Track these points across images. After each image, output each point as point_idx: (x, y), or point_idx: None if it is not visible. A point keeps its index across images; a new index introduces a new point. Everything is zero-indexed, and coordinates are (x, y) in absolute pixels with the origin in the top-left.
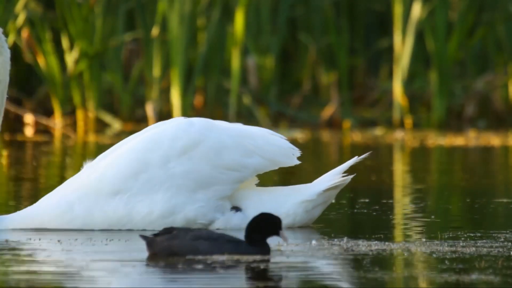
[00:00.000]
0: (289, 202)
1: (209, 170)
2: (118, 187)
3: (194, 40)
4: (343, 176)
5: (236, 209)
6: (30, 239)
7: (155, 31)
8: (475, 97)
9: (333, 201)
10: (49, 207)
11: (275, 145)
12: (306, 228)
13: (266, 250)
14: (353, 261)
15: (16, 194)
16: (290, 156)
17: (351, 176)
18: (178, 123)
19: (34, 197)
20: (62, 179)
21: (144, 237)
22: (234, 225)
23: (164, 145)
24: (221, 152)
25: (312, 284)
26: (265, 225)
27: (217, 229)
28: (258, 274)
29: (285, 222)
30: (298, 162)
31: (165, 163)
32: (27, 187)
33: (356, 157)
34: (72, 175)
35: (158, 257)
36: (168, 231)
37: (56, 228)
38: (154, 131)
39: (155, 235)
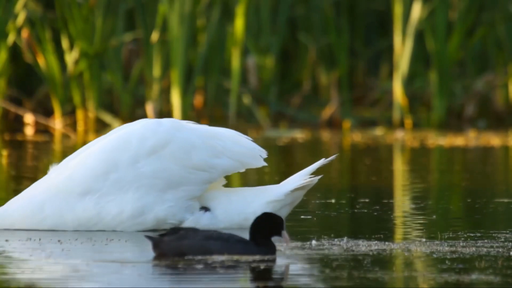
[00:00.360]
0: (257, 202)
1: (178, 170)
2: (87, 187)
3: (194, 40)
4: (311, 177)
5: (205, 209)
6: (30, 239)
7: (154, 35)
8: (475, 97)
9: (333, 201)
10: (19, 208)
11: (242, 146)
12: (306, 228)
13: (273, 250)
14: (353, 261)
15: (16, 194)
16: (257, 157)
17: (318, 177)
18: (146, 123)
19: None
20: None
21: (150, 238)
22: (203, 225)
23: (133, 145)
24: (190, 152)
25: (312, 284)
26: (268, 226)
27: None
28: (258, 275)
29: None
30: (264, 164)
31: (134, 163)
32: (27, 187)
33: (323, 159)
34: None
35: (166, 258)
36: (175, 231)
37: (26, 228)
38: (123, 131)
39: (162, 235)
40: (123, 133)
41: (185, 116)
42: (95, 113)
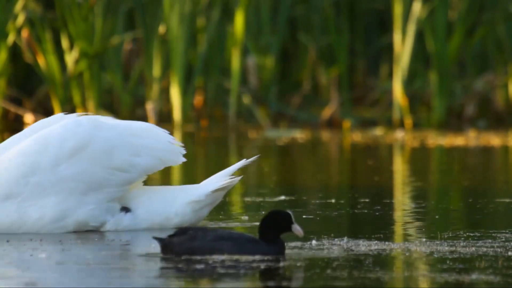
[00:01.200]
0: (177, 202)
1: (99, 171)
2: (9, 191)
3: (194, 40)
4: (231, 178)
5: (126, 209)
6: (31, 239)
7: (161, 29)
8: (475, 97)
9: (333, 201)
10: None
11: (161, 143)
12: (306, 228)
13: (283, 249)
14: (353, 261)
15: None
16: (177, 153)
17: (239, 178)
18: (66, 124)
19: None
20: None
21: (158, 239)
22: (125, 226)
23: (53, 148)
24: (110, 152)
25: (313, 283)
26: (276, 223)
27: (108, 231)
28: (258, 274)
29: (173, 222)
30: (184, 160)
31: (55, 166)
32: None
33: (244, 159)
34: None
35: (176, 259)
36: (183, 232)
37: None
38: (43, 132)
39: (170, 236)
40: (42, 135)
41: (185, 116)
42: (95, 113)
